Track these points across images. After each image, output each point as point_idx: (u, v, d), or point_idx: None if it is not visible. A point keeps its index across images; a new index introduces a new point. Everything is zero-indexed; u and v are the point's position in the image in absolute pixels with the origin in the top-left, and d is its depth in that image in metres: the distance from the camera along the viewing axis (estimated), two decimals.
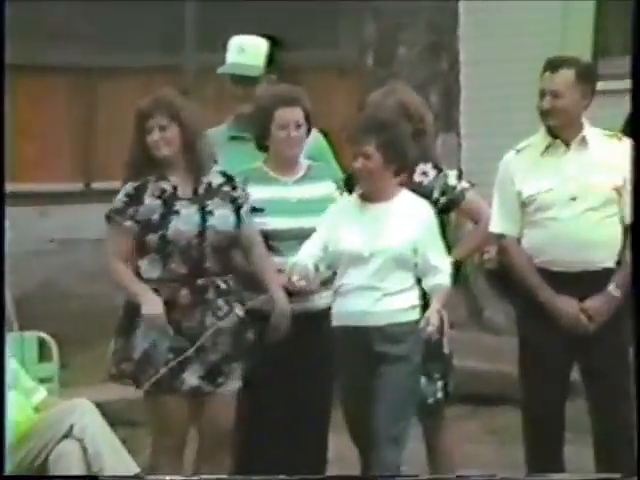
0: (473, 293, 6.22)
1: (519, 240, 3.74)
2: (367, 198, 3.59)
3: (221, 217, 3.60)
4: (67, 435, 3.44)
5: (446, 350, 3.86)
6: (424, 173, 3.84)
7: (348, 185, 3.84)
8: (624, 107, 4.83)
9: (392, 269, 3.52)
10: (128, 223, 3.60)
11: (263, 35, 4.06)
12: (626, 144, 3.76)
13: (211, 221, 3.59)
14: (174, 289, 3.57)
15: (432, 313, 3.50)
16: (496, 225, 3.77)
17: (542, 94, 3.66)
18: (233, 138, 3.99)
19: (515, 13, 6.74)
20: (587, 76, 3.70)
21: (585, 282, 3.66)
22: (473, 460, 4.20)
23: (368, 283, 3.51)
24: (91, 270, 5.95)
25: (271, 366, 3.63)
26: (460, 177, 3.88)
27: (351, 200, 3.64)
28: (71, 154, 7.06)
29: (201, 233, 3.58)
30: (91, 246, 6.07)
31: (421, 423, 3.88)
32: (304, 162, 3.81)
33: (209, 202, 3.61)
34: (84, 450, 3.43)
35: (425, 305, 3.61)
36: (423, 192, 3.80)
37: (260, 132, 3.78)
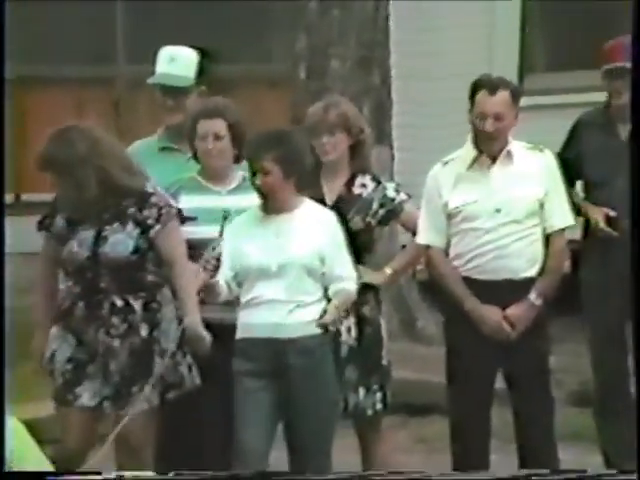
0: (406, 304, 6.29)
1: (446, 251, 3.81)
2: (269, 210, 3.59)
3: (115, 243, 3.59)
4: None
5: (385, 361, 3.90)
6: (363, 185, 3.90)
7: None
8: (548, 121, 4.97)
9: (302, 280, 3.53)
10: (44, 233, 3.69)
11: (193, 47, 4.07)
12: (547, 156, 3.87)
13: (103, 247, 3.59)
14: (72, 301, 3.62)
15: (330, 307, 3.52)
16: (422, 236, 3.85)
17: (483, 116, 3.70)
18: (163, 149, 4.01)
19: (444, 31, 6.86)
20: (518, 95, 3.80)
21: (508, 291, 3.75)
22: (403, 469, 4.24)
23: (280, 297, 3.52)
24: (21, 284, 5.87)
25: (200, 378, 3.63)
26: (398, 189, 3.94)
27: (252, 213, 3.63)
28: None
29: (95, 257, 3.59)
30: (21, 259, 5.99)
31: (358, 435, 3.90)
32: (239, 173, 3.84)
33: (108, 227, 3.60)
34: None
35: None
36: (362, 204, 3.87)
37: (189, 143, 3.84)
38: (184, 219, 3.67)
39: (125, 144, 3.96)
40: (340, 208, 3.84)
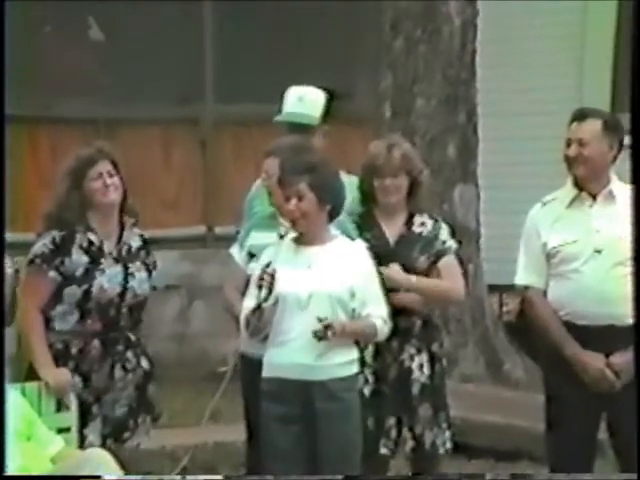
0: (493, 346, 6.16)
1: (544, 293, 3.70)
2: (302, 242, 3.52)
3: (140, 280, 3.70)
4: None
5: (448, 400, 3.84)
6: (422, 224, 3.87)
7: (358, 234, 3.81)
8: None
9: (332, 315, 3.41)
10: (52, 273, 3.61)
11: (322, 87, 4.10)
12: None
13: (132, 283, 3.68)
14: (86, 341, 3.63)
15: (338, 322, 3.38)
16: (521, 277, 3.75)
17: (568, 143, 3.67)
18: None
19: (532, 68, 6.77)
20: (613, 128, 3.69)
21: (612, 337, 3.59)
22: None
23: (309, 333, 3.38)
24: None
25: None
26: (453, 234, 3.90)
27: (285, 244, 3.55)
28: None
29: (122, 293, 3.65)
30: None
31: (417, 474, 3.81)
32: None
33: (131, 265, 3.70)
34: None
35: (362, 358, 3.56)
36: (425, 243, 3.83)
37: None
38: (251, 255, 3.69)
39: (212, 184, 3.95)
40: (403, 247, 3.81)
